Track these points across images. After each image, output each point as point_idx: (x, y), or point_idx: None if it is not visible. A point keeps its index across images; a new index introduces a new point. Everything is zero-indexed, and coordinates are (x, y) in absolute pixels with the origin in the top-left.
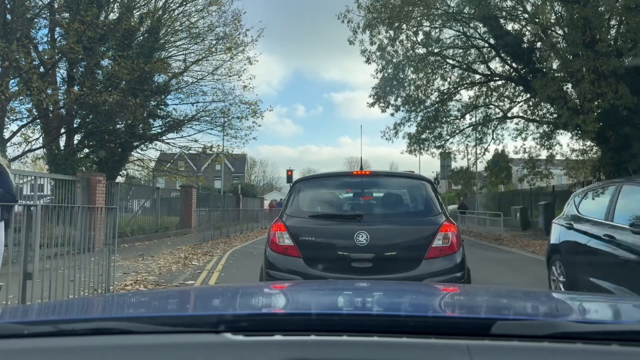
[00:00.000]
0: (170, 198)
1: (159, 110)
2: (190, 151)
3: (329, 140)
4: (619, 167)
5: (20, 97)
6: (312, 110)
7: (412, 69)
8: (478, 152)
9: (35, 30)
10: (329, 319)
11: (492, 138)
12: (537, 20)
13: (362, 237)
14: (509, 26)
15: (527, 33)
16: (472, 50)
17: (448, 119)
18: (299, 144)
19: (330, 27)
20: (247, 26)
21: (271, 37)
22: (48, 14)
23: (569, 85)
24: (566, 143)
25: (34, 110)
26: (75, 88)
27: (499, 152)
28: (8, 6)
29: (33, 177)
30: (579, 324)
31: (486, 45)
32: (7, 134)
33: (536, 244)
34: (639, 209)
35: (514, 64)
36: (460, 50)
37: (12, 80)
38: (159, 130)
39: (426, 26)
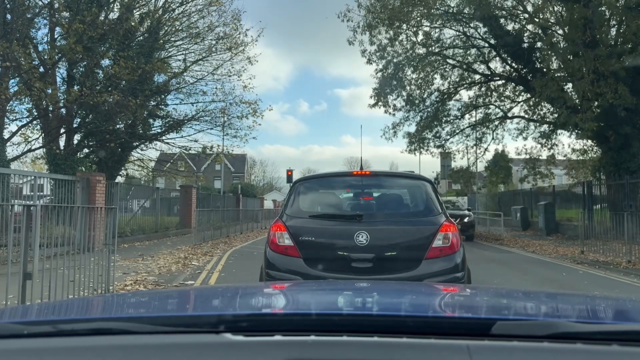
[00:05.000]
0: (170, 198)
1: (159, 110)
2: (190, 151)
3: (332, 139)
4: (619, 167)
5: (20, 97)
6: (317, 106)
7: (411, 68)
8: (478, 152)
9: (35, 30)
10: (329, 319)
11: (492, 138)
12: (537, 20)
13: (362, 237)
14: (509, 26)
15: (527, 33)
16: (472, 50)
17: (448, 119)
18: (301, 143)
19: (338, 22)
20: (248, 25)
21: (279, 33)
22: (48, 14)
23: (569, 85)
24: (567, 143)
25: (34, 110)
26: (75, 88)
27: (499, 152)
28: (8, 6)
29: (33, 177)
30: (579, 324)
31: (486, 45)
32: (7, 134)
33: (536, 244)
34: None
35: (514, 64)
36: (460, 50)
37: (12, 80)
38: (159, 130)
39: (426, 26)
